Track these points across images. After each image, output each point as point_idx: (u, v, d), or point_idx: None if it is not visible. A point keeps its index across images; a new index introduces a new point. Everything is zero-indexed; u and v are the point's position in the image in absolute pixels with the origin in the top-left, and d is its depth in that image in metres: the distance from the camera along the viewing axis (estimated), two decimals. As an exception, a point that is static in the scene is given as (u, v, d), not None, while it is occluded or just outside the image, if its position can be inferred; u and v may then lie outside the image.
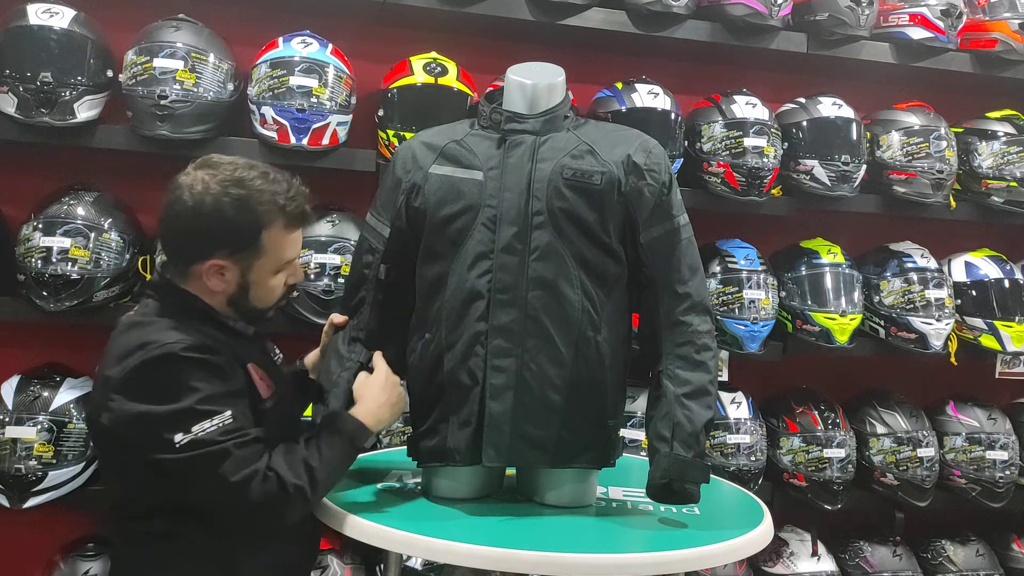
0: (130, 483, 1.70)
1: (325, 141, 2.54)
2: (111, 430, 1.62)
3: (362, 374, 1.89)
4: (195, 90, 2.44)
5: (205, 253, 1.67)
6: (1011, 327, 3.03)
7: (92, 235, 2.41)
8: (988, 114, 3.20)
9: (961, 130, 3.13)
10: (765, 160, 2.81)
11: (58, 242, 2.38)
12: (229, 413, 1.59)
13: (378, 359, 1.91)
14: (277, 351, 1.97)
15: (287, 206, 1.70)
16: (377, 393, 1.83)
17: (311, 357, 2.04)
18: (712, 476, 1.90)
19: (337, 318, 2.00)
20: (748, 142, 2.79)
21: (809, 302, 2.92)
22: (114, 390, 1.60)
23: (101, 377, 1.65)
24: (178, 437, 1.55)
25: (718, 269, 2.87)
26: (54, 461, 2.39)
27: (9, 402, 2.42)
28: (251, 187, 1.67)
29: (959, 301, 3.07)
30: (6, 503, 2.39)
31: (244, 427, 1.61)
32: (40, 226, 2.41)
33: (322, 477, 1.66)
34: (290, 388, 1.92)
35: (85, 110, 2.42)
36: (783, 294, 2.94)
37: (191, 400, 1.57)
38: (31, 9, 2.42)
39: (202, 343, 1.63)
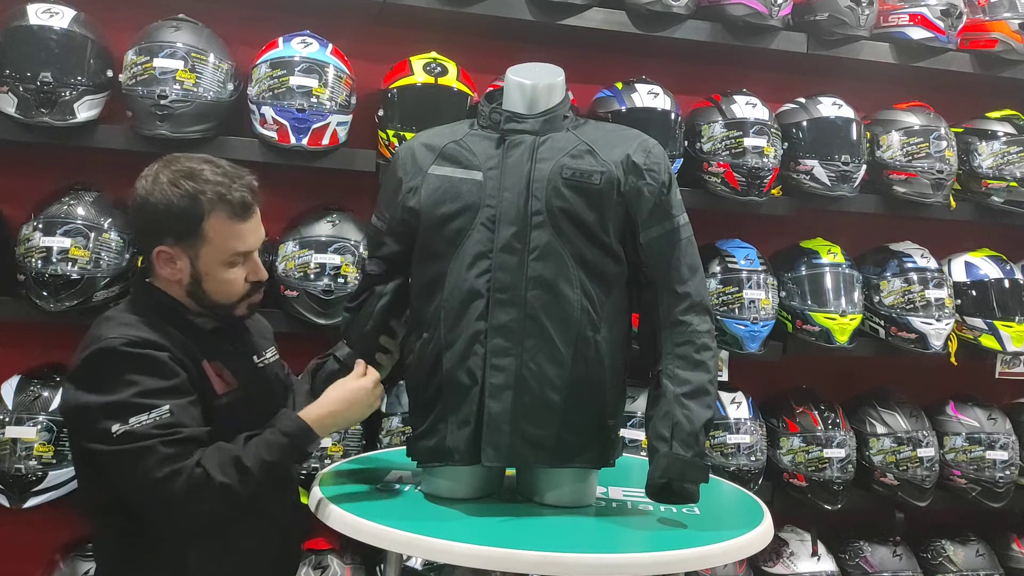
0: (80, 477, 1.81)
1: (325, 141, 2.55)
2: (64, 417, 1.76)
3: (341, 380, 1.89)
4: (195, 90, 2.44)
5: (153, 241, 1.75)
6: (1011, 327, 3.04)
7: (92, 235, 2.41)
8: (988, 114, 3.20)
9: (961, 130, 3.14)
10: (765, 160, 2.81)
11: (58, 242, 2.39)
12: (167, 407, 1.63)
13: (358, 365, 1.91)
14: (267, 353, 1.97)
15: (227, 195, 1.74)
16: (337, 399, 1.83)
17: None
18: (712, 476, 1.89)
19: None
20: (748, 142, 2.79)
21: (809, 302, 2.92)
22: (67, 379, 1.71)
23: None
24: (115, 427, 1.61)
25: (718, 269, 2.87)
26: (54, 461, 2.39)
27: (9, 402, 2.43)
28: (198, 178, 1.74)
29: (959, 301, 3.07)
30: (6, 503, 2.40)
31: (181, 423, 1.64)
32: (40, 226, 2.41)
33: (254, 476, 1.66)
34: (268, 386, 1.93)
35: (85, 110, 2.42)
36: (783, 294, 2.95)
37: (129, 393, 1.62)
38: (31, 9, 2.42)
39: (145, 339, 1.68)
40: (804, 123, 2.95)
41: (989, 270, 3.12)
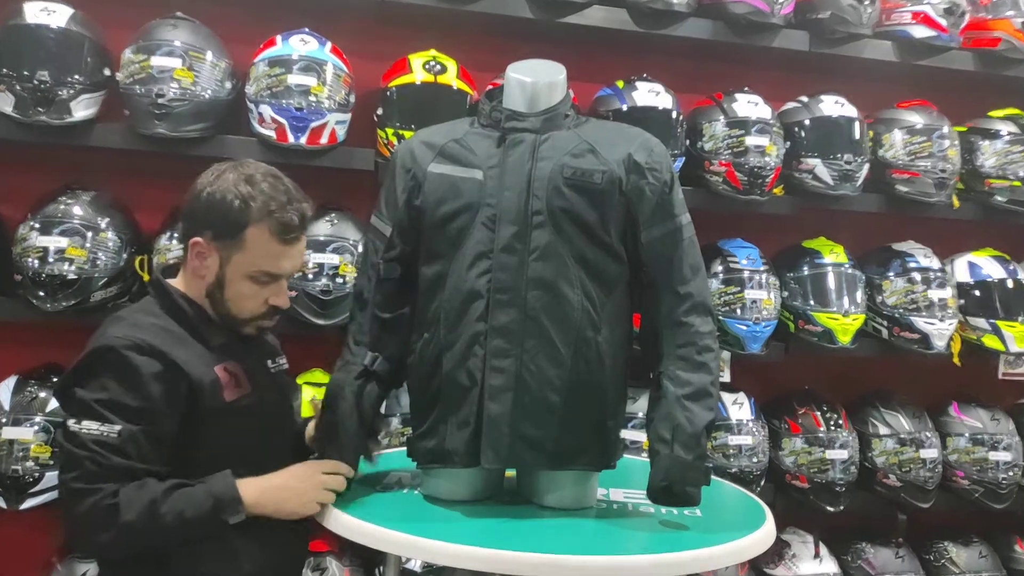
0: None
1: (323, 140, 2.53)
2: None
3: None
4: (193, 88, 2.43)
5: (195, 230, 1.77)
6: (1014, 327, 3.03)
7: (89, 235, 2.41)
8: (991, 113, 3.20)
9: (964, 129, 3.13)
10: (767, 159, 2.80)
11: (55, 242, 2.38)
12: (118, 429, 1.61)
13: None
14: (280, 360, 1.97)
15: (275, 211, 1.75)
16: (287, 482, 1.75)
17: (310, 428, 2.00)
18: (714, 478, 1.89)
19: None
20: (750, 141, 2.78)
21: (811, 302, 2.92)
22: (69, 368, 1.72)
23: None
24: (71, 422, 1.63)
25: (720, 269, 2.86)
26: (51, 462, 2.38)
27: (6, 403, 2.42)
28: (256, 186, 1.76)
29: (962, 301, 3.06)
30: (3, 504, 2.39)
31: (121, 450, 1.61)
32: (37, 226, 2.40)
33: (166, 526, 1.61)
34: (279, 391, 1.94)
35: (82, 109, 2.41)
36: (785, 294, 2.94)
37: (95, 396, 1.63)
38: (28, 7, 2.41)
39: (149, 345, 1.67)
40: (806, 122, 2.94)
41: (992, 270, 3.11)
